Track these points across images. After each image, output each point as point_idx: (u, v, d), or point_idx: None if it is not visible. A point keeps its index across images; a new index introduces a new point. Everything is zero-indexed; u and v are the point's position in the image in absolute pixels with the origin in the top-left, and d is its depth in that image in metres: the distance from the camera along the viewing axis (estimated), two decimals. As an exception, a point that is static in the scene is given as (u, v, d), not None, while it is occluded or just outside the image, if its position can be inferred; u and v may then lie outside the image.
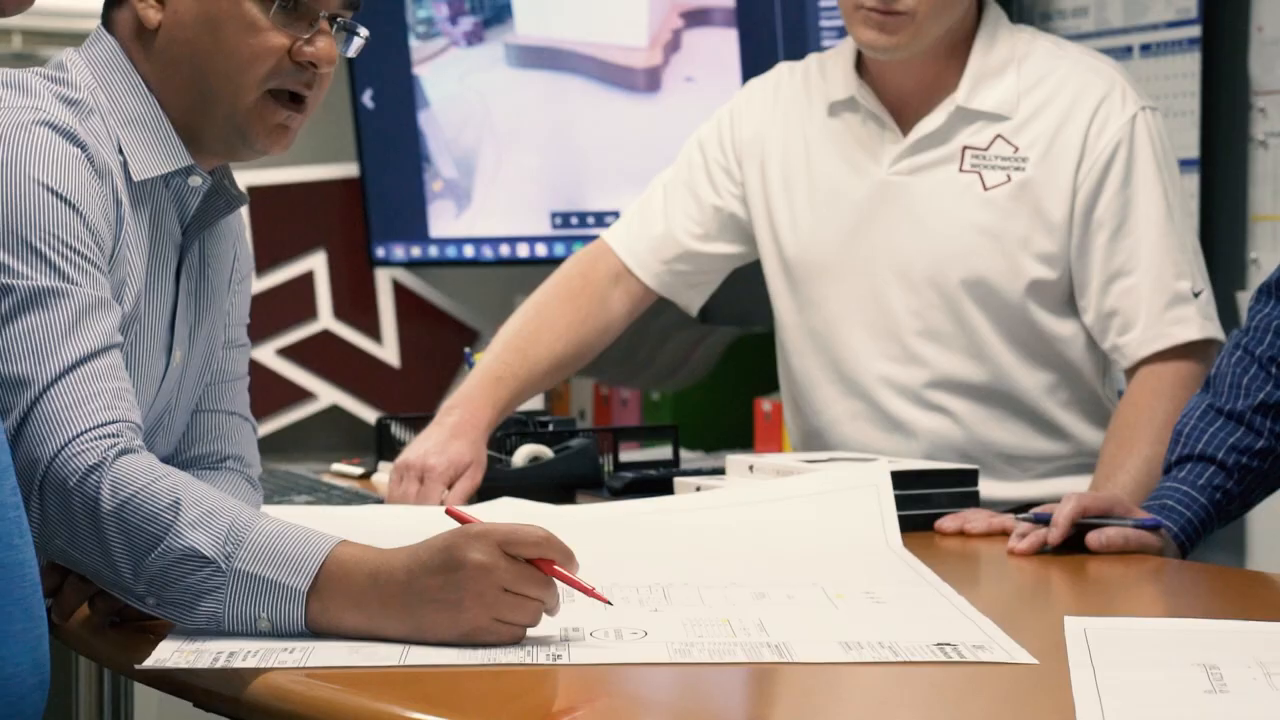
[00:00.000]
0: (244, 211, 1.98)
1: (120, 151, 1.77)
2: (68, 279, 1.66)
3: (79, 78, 1.79)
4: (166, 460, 1.77)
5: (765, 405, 3.48)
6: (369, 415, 3.70)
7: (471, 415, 2.38)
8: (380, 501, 2.37)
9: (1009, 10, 2.88)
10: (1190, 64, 3.27)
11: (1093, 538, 2.04)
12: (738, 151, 2.58)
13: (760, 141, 2.56)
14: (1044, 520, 2.04)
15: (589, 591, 1.56)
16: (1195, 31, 3.28)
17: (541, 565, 1.53)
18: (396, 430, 2.54)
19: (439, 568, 1.52)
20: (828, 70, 2.54)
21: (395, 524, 2.10)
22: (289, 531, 1.58)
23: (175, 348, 1.86)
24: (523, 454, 2.38)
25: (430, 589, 1.52)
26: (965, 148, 2.44)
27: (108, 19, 1.84)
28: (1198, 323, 2.36)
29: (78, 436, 1.61)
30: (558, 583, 1.54)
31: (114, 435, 1.62)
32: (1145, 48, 3.36)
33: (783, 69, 2.63)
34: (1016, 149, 2.43)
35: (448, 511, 1.63)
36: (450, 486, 2.29)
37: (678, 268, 2.61)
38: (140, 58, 1.81)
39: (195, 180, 1.84)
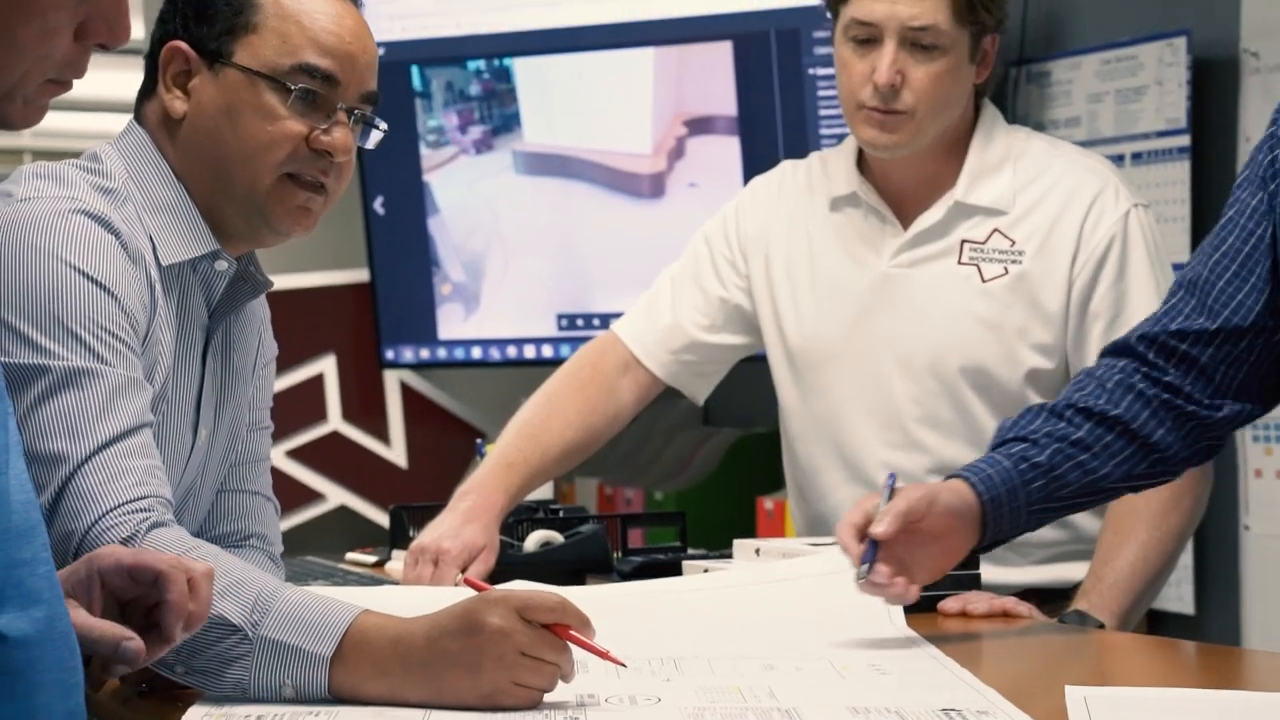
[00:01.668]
0: (269, 316, 2.05)
1: (150, 237, 1.85)
2: (101, 359, 1.73)
3: (112, 168, 1.86)
4: (192, 537, 1.83)
5: (768, 504, 3.52)
6: (377, 515, 3.75)
7: (484, 500, 2.44)
8: (396, 584, 2.42)
9: (1004, 118, 2.96)
10: (1180, 172, 3.35)
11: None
12: (742, 245, 2.65)
13: (764, 235, 2.64)
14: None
15: (604, 655, 1.60)
16: (1185, 140, 3.35)
17: (558, 630, 1.58)
18: (409, 519, 2.59)
19: (459, 632, 1.57)
20: (830, 167, 2.62)
21: (412, 602, 2.14)
22: (313, 601, 1.63)
23: (201, 427, 1.92)
24: (534, 539, 2.42)
25: (450, 653, 1.56)
26: (964, 241, 2.51)
27: (139, 111, 1.92)
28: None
29: (111, 511, 1.67)
30: (574, 650, 1.59)
31: (146, 510, 1.68)
32: (1136, 156, 3.43)
33: (786, 166, 2.71)
34: (1013, 243, 2.50)
35: (465, 581, 1.69)
36: (464, 570, 2.34)
37: (685, 358, 2.67)
38: (168, 147, 1.90)
39: (221, 265, 1.91)
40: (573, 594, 1.71)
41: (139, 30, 4.60)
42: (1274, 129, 2.02)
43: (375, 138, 1.95)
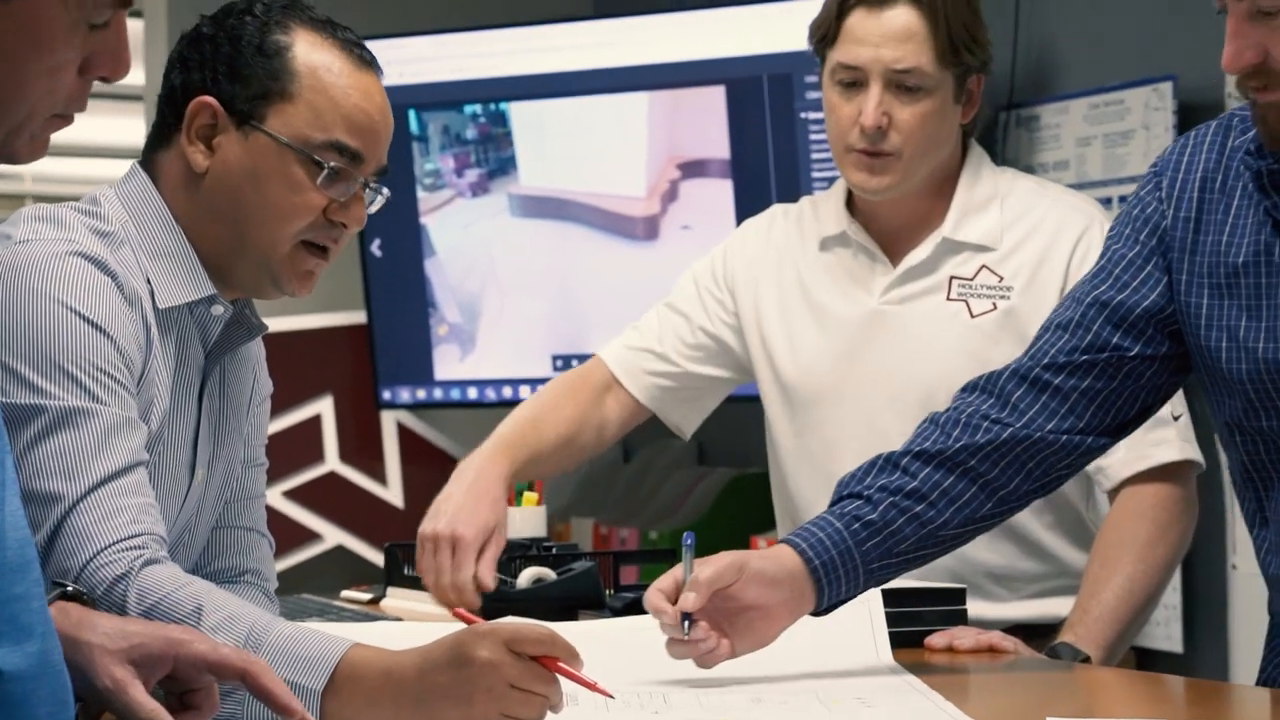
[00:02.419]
0: (264, 355, 2.09)
1: (148, 281, 1.88)
2: (96, 399, 1.76)
3: (111, 211, 1.89)
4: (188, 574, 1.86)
5: (761, 543, 3.55)
6: (374, 555, 3.78)
7: (489, 475, 2.46)
8: (399, 619, 2.44)
9: (994, 161, 3.00)
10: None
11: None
12: (730, 283, 2.69)
13: (754, 273, 2.67)
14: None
15: (592, 686, 1.63)
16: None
17: (546, 663, 1.61)
18: (404, 557, 2.61)
19: (449, 664, 1.59)
20: (820, 209, 2.66)
21: (408, 637, 2.17)
22: (305, 634, 1.66)
23: (198, 467, 1.95)
24: (527, 576, 2.45)
25: (441, 685, 1.59)
26: (952, 277, 2.55)
27: (148, 159, 1.95)
28: (1177, 445, 2.45)
29: (105, 549, 1.70)
30: (563, 682, 1.62)
31: (140, 547, 1.71)
32: (1124, 199, 3.47)
33: (776, 210, 2.75)
34: (1001, 278, 2.53)
35: (455, 614, 1.71)
36: (480, 554, 2.37)
37: (665, 384, 2.69)
38: (180, 195, 1.91)
39: (218, 309, 1.94)
40: (563, 628, 1.74)
41: (139, 76, 4.66)
42: (1155, 190, 2.03)
43: (379, 203, 1.99)
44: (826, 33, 2.51)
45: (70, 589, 1.65)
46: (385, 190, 1.98)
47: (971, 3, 2.51)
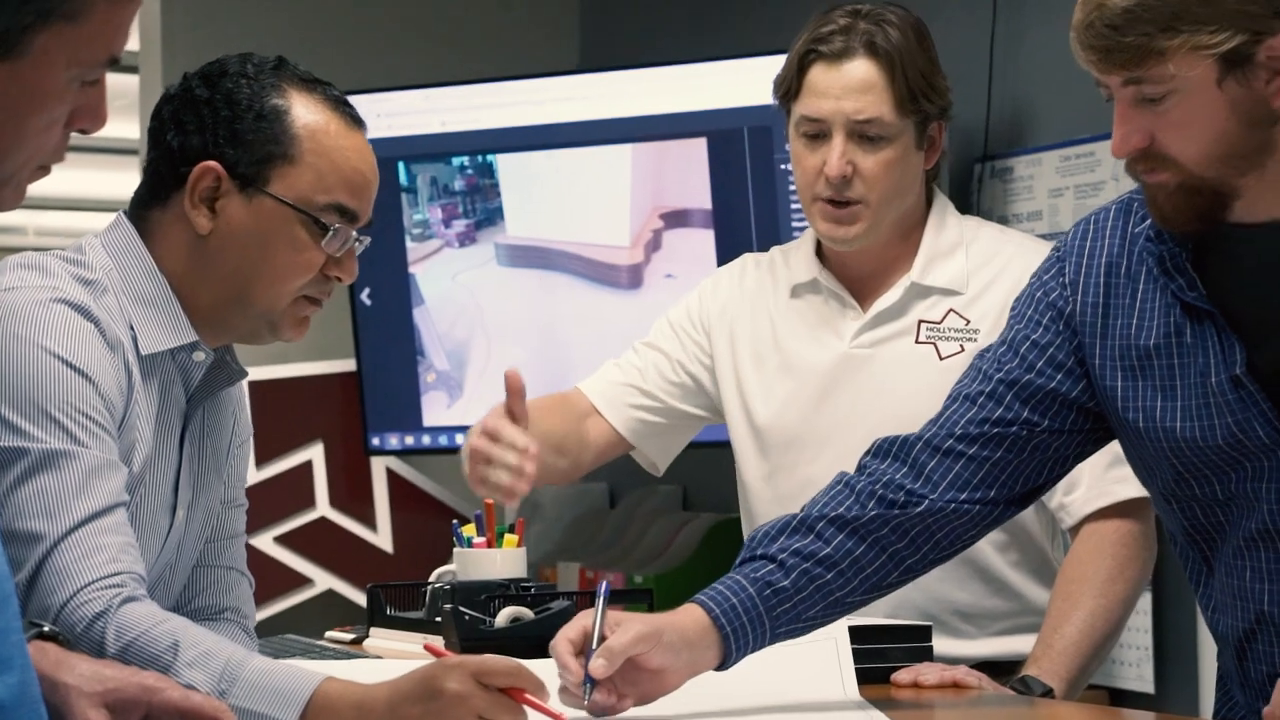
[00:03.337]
0: (246, 397, 2.15)
1: (131, 327, 1.94)
2: (78, 442, 1.82)
3: (95, 260, 1.96)
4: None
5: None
6: (363, 599, 3.82)
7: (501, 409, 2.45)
8: (379, 658, 2.49)
9: (969, 212, 3.06)
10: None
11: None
12: (706, 325, 2.75)
13: (728, 318, 2.73)
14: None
15: (558, 717, 1.69)
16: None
17: (513, 694, 1.67)
18: (386, 598, 2.66)
19: (419, 697, 1.65)
20: (790, 257, 2.73)
21: (380, 673, 2.21)
22: (279, 669, 1.72)
23: (179, 508, 2.01)
24: (505, 615, 2.49)
25: (411, 717, 1.65)
26: (920, 321, 2.61)
27: (139, 214, 2.00)
28: (1136, 481, 2.50)
29: (85, 587, 1.76)
30: (530, 713, 1.67)
31: (119, 585, 1.77)
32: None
33: (748, 258, 2.81)
34: (968, 321, 2.60)
35: (426, 647, 1.77)
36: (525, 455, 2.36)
37: (646, 417, 2.74)
38: (180, 255, 1.97)
39: (199, 355, 2.00)
40: (538, 666, 1.80)
41: (134, 130, 4.71)
42: (1059, 275, 2.05)
43: (360, 249, 2.06)
44: (789, 87, 2.58)
45: (47, 629, 1.71)
46: (368, 239, 2.05)
47: (928, 52, 2.58)
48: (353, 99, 2.06)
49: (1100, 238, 2.03)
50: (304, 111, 1.97)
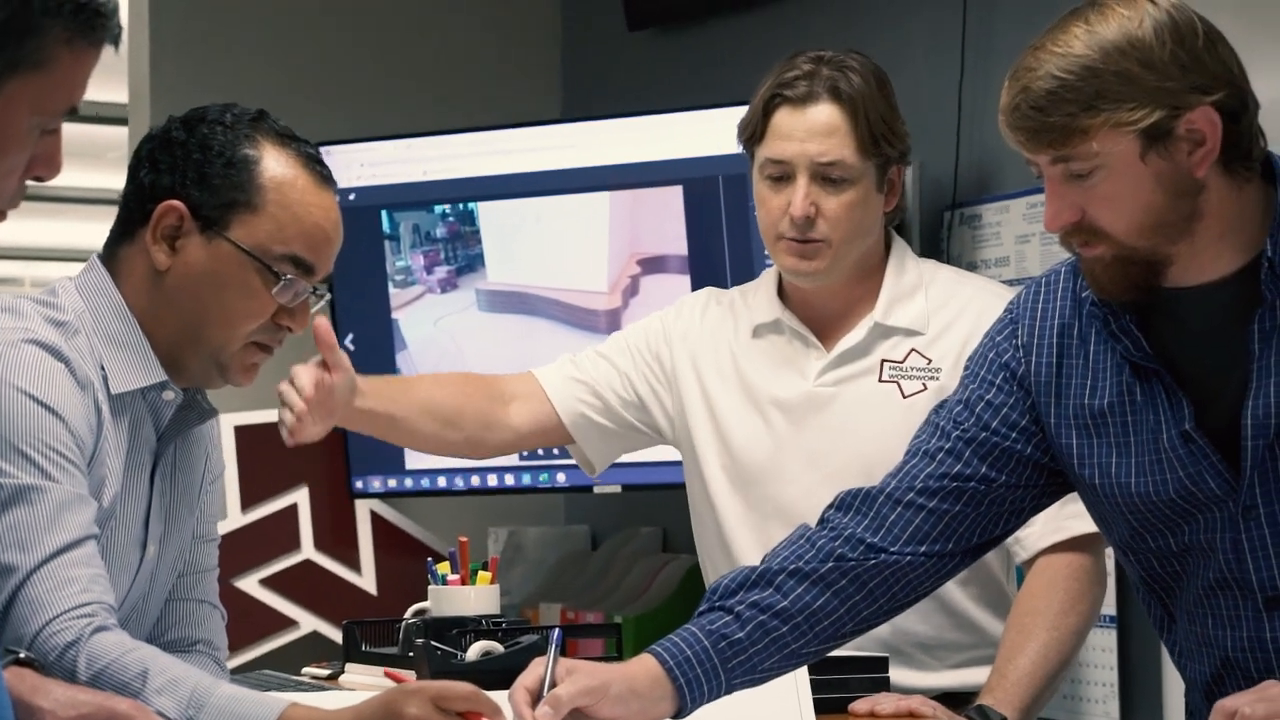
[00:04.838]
0: (230, 445, 2.21)
1: (101, 367, 2.00)
2: (49, 477, 1.88)
3: (68, 302, 2.03)
4: (140, 643, 1.97)
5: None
6: (346, 640, 3.86)
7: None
8: (354, 691, 2.54)
9: (938, 257, 3.12)
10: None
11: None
12: (666, 346, 2.79)
13: (689, 347, 2.78)
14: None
15: (511, 739, 1.75)
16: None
17: (471, 718, 1.73)
18: (361, 634, 2.72)
19: (379, 721, 1.71)
20: (749, 298, 2.79)
21: (339, 699, 2.27)
22: (245, 695, 1.78)
23: (149, 543, 2.07)
24: (476, 649, 2.54)
25: (372, 741, 1.71)
26: (883, 360, 2.67)
27: (110, 252, 2.07)
28: (1089, 517, 2.55)
29: (58, 616, 1.82)
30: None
31: (90, 615, 1.83)
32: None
33: (709, 293, 2.86)
34: (930, 360, 2.66)
35: (386, 673, 1.83)
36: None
37: (593, 417, 2.78)
38: (140, 289, 2.04)
39: (169, 395, 2.07)
40: (503, 698, 1.86)
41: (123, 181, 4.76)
42: (1011, 337, 2.08)
43: (320, 306, 2.11)
44: (754, 131, 2.65)
45: (23, 655, 1.77)
46: (328, 294, 2.10)
47: (888, 98, 2.65)
48: (337, 149, 2.12)
49: (1052, 299, 2.07)
50: (274, 164, 2.03)
